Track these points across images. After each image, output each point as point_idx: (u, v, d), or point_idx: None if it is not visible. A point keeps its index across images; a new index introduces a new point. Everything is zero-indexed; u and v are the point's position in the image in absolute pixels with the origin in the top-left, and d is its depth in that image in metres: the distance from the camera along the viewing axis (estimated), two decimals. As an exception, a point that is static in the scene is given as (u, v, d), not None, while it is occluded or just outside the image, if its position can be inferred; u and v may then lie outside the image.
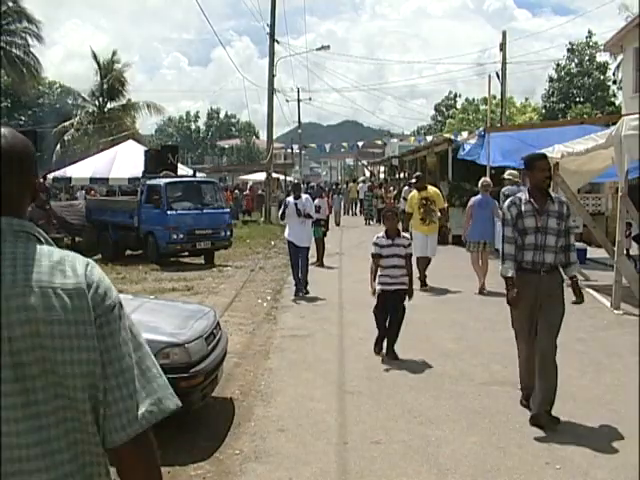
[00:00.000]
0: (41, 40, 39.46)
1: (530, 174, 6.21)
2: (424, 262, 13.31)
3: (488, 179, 14.23)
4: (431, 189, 13.59)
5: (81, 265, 1.66)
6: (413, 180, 14.46)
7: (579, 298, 6.32)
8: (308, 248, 13.36)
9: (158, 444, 1.78)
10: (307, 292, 12.84)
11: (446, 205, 14.10)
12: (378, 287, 8.29)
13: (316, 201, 15.97)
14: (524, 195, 6.19)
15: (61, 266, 1.62)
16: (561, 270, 6.23)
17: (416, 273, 11.54)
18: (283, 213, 13.09)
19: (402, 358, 8.19)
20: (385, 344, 8.36)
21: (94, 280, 1.65)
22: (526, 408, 6.21)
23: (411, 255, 8.45)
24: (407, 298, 8.32)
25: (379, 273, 8.25)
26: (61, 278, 1.60)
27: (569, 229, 6.21)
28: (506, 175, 14.56)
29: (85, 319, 1.59)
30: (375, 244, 8.31)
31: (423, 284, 13.09)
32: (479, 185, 13.64)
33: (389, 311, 8.32)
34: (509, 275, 6.09)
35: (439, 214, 13.63)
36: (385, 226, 8.51)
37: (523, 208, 6.08)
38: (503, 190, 13.77)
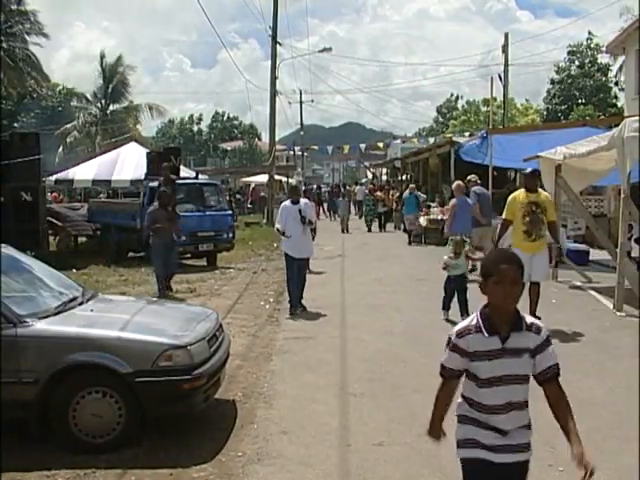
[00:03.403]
0: (45, 42, 39.65)
1: None
2: (534, 292, 9.68)
3: (461, 182, 15.22)
4: (543, 193, 10.20)
5: None
6: (525, 177, 10.65)
7: None
8: (308, 259, 12.38)
9: (160, 446, 1.80)
10: (304, 308, 11.41)
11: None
12: (464, 452, 3.31)
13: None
14: None
15: None
16: None
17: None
18: (283, 233, 11.42)
19: (404, 360, 8.19)
20: None
21: None
22: None
23: (556, 370, 3.22)
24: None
25: (461, 412, 3.40)
26: None
27: None
28: (472, 178, 15.93)
29: None
30: (455, 348, 3.31)
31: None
32: (453, 188, 14.95)
33: None
34: None
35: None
36: (488, 299, 3.23)
37: None
38: (474, 189, 15.28)
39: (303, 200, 11.88)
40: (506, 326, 3.17)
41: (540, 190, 10.16)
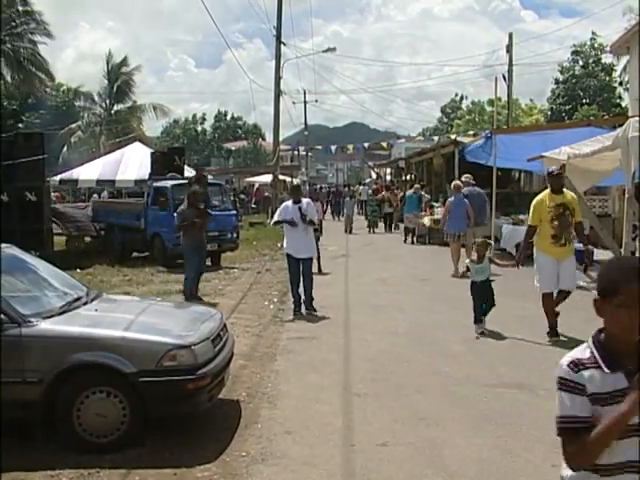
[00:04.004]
0: (50, 42, 39.74)
1: None
2: (552, 301, 9.22)
3: (459, 182, 16.50)
4: (569, 194, 9.51)
5: None
6: (549, 176, 9.66)
7: None
8: (312, 259, 11.75)
9: (164, 445, 1.81)
10: (314, 309, 11.20)
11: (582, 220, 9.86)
12: None
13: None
14: None
15: None
16: None
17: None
18: (278, 222, 11.53)
19: (408, 360, 8.19)
20: None
21: None
22: None
23: None
24: None
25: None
26: None
27: None
28: (463, 178, 16.95)
29: None
30: (576, 387, 2.38)
31: (553, 333, 9.08)
32: (451, 187, 16.10)
33: None
34: None
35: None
36: (605, 325, 2.56)
37: None
38: (463, 191, 15.86)
39: (305, 200, 11.62)
40: (632, 358, 2.31)
41: (565, 190, 9.48)
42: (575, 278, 9.57)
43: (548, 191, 9.41)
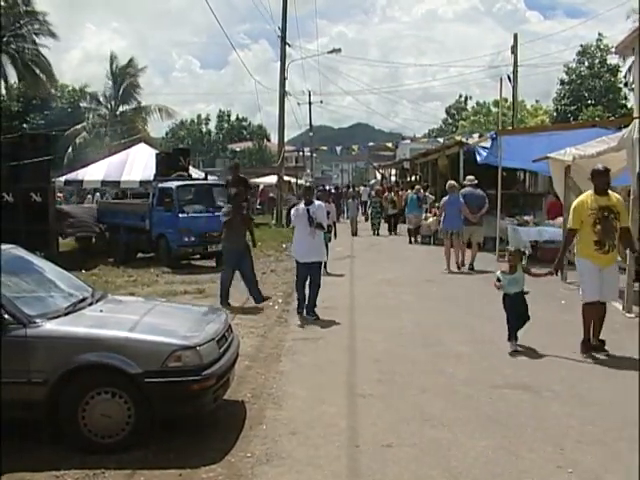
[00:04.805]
0: (54, 44, 39.86)
1: None
2: (595, 312, 8.48)
3: (453, 182, 17.31)
4: (614, 195, 8.56)
5: None
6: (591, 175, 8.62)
7: None
8: (320, 263, 11.26)
9: (169, 446, 1.81)
10: (317, 317, 10.79)
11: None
12: None
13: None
14: None
15: None
16: None
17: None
18: (290, 221, 11.62)
19: (413, 360, 8.18)
20: None
21: None
22: None
23: None
24: None
25: None
26: None
27: None
28: (466, 181, 17.52)
29: None
30: None
31: (587, 347, 8.45)
32: (447, 187, 16.86)
33: None
34: None
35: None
36: None
37: None
38: (461, 191, 16.72)
39: (317, 202, 11.26)
40: None
41: (610, 192, 8.55)
42: (617, 288, 8.83)
43: (591, 192, 8.57)
